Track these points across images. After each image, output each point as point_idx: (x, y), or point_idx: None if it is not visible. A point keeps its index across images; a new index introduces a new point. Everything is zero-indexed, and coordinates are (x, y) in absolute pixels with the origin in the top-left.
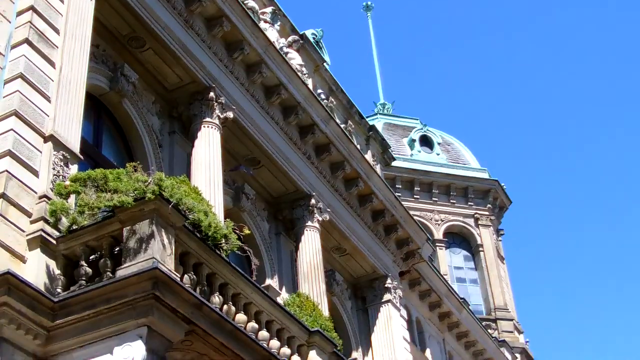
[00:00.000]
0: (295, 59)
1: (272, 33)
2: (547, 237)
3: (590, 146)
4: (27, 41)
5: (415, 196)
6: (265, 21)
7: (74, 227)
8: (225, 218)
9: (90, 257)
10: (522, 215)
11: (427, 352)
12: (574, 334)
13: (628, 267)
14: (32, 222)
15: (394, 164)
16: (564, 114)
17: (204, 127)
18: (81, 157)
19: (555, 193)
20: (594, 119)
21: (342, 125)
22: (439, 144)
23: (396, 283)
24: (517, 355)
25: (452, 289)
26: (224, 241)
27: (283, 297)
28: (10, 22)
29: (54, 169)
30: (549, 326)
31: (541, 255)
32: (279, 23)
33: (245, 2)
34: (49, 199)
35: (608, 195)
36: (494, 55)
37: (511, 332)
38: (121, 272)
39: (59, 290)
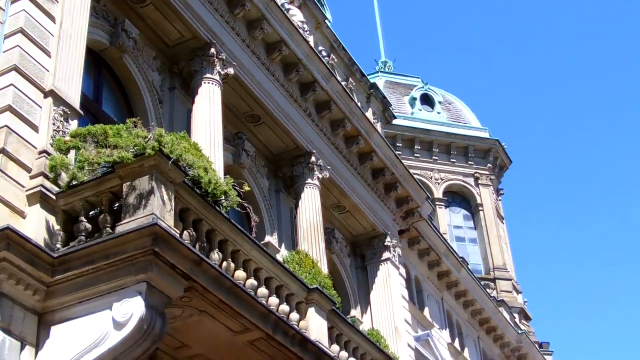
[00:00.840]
0: (297, 15)
1: None
2: (546, 198)
3: (591, 107)
4: None
5: (415, 155)
6: None
7: (74, 182)
8: (225, 175)
9: (90, 213)
10: (522, 176)
11: (426, 311)
12: (572, 295)
13: (627, 227)
14: (31, 178)
15: (394, 122)
16: (567, 75)
17: (205, 83)
18: (81, 112)
19: (555, 154)
20: (596, 79)
21: (343, 83)
22: (440, 102)
23: (395, 241)
24: (515, 315)
25: (451, 247)
26: (223, 198)
27: (282, 254)
28: None
29: (53, 124)
30: (548, 286)
31: (541, 216)
32: None
33: None
34: (49, 154)
35: (609, 156)
36: (497, 14)
37: (510, 292)
38: (120, 228)
39: (58, 245)
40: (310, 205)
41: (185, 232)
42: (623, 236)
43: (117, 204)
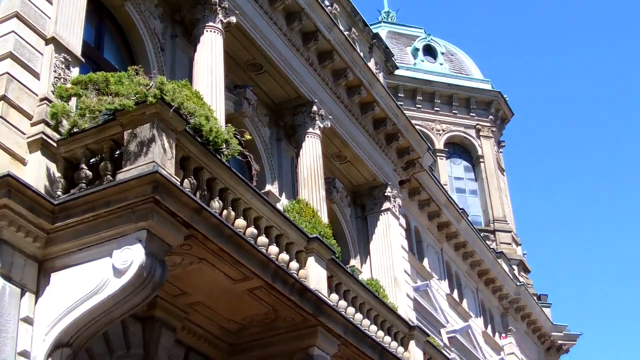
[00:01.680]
0: None
1: None
2: (547, 151)
3: (594, 60)
4: None
5: (417, 105)
6: None
7: (75, 130)
8: (226, 123)
9: (91, 161)
10: (523, 128)
11: (425, 262)
12: (571, 247)
13: (627, 180)
14: (32, 125)
15: (396, 72)
16: (571, 28)
17: (207, 31)
18: (82, 59)
19: (557, 107)
20: (600, 32)
21: (345, 33)
22: (442, 53)
23: (396, 192)
24: (514, 267)
25: (452, 199)
26: (224, 146)
27: (283, 203)
28: None
29: (55, 71)
30: (547, 239)
31: (541, 169)
32: None
33: None
34: (50, 101)
35: (611, 109)
36: None
37: (509, 244)
38: (121, 176)
39: (59, 193)
40: (311, 154)
41: (185, 180)
42: (623, 188)
43: (118, 152)
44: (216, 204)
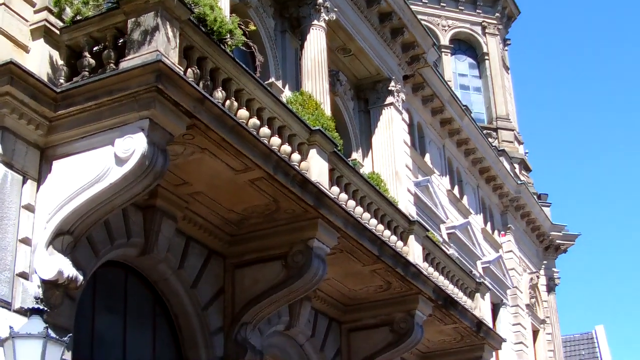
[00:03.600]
0: None
1: None
2: (552, 51)
3: None
4: None
5: (423, 0)
6: None
7: (78, 17)
8: (230, 13)
9: (94, 49)
10: (530, 27)
11: (427, 157)
12: (572, 148)
13: (631, 78)
14: (35, 12)
15: None
16: None
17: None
18: None
19: (563, 7)
20: None
21: None
22: None
23: (399, 86)
24: (516, 165)
25: (455, 95)
26: (228, 36)
27: (286, 95)
28: None
29: None
30: (549, 139)
31: (546, 69)
32: None
33: None
34: None
35: (615, 12)
36: None
37: (511, 142)
38: (124, 64)
39: (61, 81)
40: (315, 46)
41: (189, 69)
42: (628, 89)
43: (122, 40)
44: (219, 94)
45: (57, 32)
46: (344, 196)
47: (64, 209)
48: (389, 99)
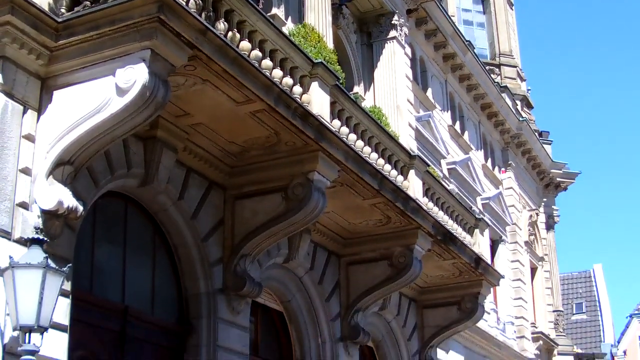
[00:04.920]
0: None
1: None
2: None
3: None
4: None
5: None
6: None
7: None
8: None
9: None
10: None
11: (429, 92)
12: (575, 86)
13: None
14: None
15: None
16: None
17: None
18: None
19: None
20: None
21: None
22: None
23: (403, 20)
24: (518, 102)
25: (459, 30)
26: None
27: (288, 27)
28: None
29: None
30: (552, 76)
31: (550, 6)
32: None
33: None
34: None
35: None
36: None
37: (514, 79)
38: None
39: (63, 10)
40: None
41: (191, 0)
42: (631, 24)
43: None
44: (221, 25)
45: None
46: (345, 130)
47: (64, 139)
48: (392, 33)
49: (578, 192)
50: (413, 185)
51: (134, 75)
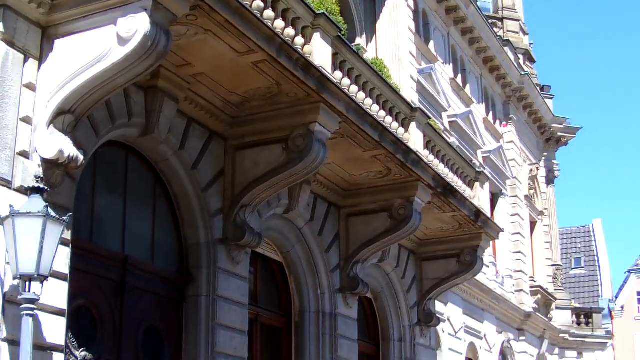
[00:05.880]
0: None
1: None
2: None
3: None
4: None
5: None
6: None
7: None
8: None
9: None
10: None
11: (431, 45)
12: (578, 40)
13: None
14: None
15: None
16: None
17: None
18: None
19: None
20: None
21: None
22: None
23: None
24: (520, 56)
25: None
26: None
27: None
28: None
29: None
30: (554, 31)
31: None
32: None
33: None
34: None
35: None
36: None
37: (516, 32)
38: None
39: None
40: None
41: None
42: None
43: None
44: None
45: None
46: (346, 81)
47: (65, 88)
48: None
49: (579, 147)
50: (414, 138)
51: (136, 25)
